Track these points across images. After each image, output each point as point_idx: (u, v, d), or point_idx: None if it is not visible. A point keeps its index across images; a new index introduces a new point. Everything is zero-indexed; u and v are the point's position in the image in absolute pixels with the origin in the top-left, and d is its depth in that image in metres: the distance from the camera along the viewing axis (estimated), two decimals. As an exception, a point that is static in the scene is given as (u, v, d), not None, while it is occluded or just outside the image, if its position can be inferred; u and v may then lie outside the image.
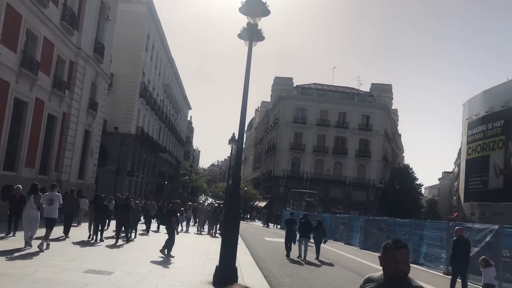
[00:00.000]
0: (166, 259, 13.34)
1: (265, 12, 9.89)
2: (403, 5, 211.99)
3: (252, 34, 10.14)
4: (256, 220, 64.15)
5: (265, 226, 50.05)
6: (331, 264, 17.50)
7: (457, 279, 12.12)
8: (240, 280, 9.84)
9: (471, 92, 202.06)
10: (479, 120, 59.34)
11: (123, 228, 17.31)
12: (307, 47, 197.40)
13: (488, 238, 15.31)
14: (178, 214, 19.27)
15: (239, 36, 10.38)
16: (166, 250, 13.86)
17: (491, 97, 57.53)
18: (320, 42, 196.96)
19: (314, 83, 79.15)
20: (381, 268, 2.82)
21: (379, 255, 2.84)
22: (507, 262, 14.45)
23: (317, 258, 18.42)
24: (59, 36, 24.80)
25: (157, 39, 53.13)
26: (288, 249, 18.47)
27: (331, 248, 25.74)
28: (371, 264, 17.91)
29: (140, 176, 50.38)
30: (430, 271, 17.73)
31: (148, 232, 23.12)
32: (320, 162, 70.48)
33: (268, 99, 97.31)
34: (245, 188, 68.14)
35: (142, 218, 22.79)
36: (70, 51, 26.73)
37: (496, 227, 15.13)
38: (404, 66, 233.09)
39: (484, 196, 55.38)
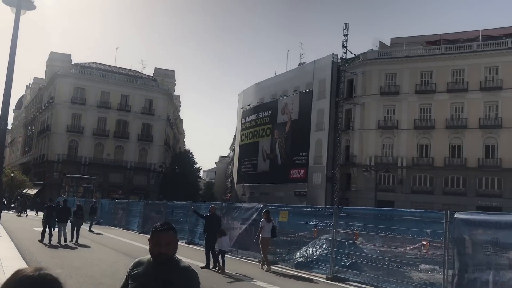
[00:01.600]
0: None
1: (36, -22, 8.90)
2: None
3: (20, 1, 9.02)
4: (28, 210, 57.90)
5: (19, 214, 44.47)
6: (87, 246, 18.14)
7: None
8: (1, 278, 8.75)
9: (246, 83, 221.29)
10: (251, 110, 65.46)
11: None
12: (88, 23, 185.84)
13: (254, 216, 17.01)
14: None
15: (4, 1, 9.13)
16: None
17: (262, 89, 64.01)
18: (102, 20, 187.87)
19: (95, 63, 75.15)
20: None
21: (149, 238, 2.88)
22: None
23: (76, 241, 19.00)
24: None
25: None
26: (43, 234, 18.34)
27: (109, 234, 25.10)
28: (148, 247, 18.05)
29: None
30: (202, 248, 18.81)
31: None
32: (100, 146, 67.60)
33: (42, 75, 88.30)
34: (12, 174, 61.06)
35: None
36: None
37: (261, 205, 16.90)
38: (188, 53, 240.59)
39: (254, 178, 61.63)
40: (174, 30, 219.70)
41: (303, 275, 13.18)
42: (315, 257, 13.86)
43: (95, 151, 66.92)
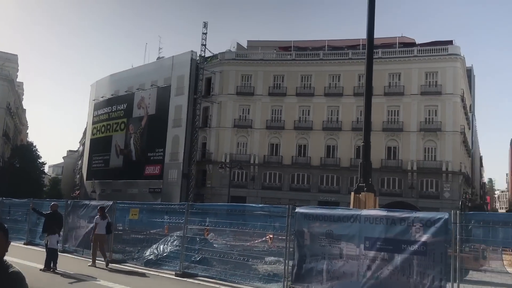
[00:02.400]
0: None
1: None
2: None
3: None
4: None
5: None
6: None
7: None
8: None
9: (100, 74, 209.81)
10: (105, 102, 62.39)
11: None
12: None
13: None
14: None
15: None
16: None
17: (117, 81, 61.39)
18: None
19: None
20: None
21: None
22: (119, 234, 15.81)
23: None
24: None
25: None
26: None
27: None
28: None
29: None
30: (43, 249, 17.47)
31: None
32: None
33: None
34: None
35: None
36: None
37: (110, 203, 16.22)
38: (35, 38, 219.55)
39: (105, 174, 58.84)
40: (18, 10, 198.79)
41: (152, 272, 12.99)
42: (165, 254, 13.77)
43: None
